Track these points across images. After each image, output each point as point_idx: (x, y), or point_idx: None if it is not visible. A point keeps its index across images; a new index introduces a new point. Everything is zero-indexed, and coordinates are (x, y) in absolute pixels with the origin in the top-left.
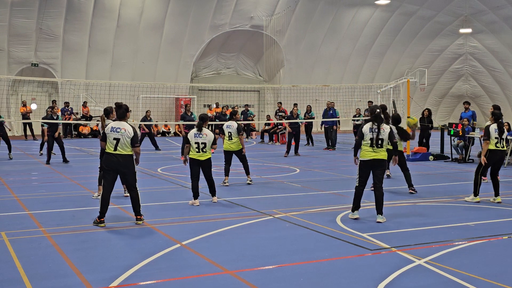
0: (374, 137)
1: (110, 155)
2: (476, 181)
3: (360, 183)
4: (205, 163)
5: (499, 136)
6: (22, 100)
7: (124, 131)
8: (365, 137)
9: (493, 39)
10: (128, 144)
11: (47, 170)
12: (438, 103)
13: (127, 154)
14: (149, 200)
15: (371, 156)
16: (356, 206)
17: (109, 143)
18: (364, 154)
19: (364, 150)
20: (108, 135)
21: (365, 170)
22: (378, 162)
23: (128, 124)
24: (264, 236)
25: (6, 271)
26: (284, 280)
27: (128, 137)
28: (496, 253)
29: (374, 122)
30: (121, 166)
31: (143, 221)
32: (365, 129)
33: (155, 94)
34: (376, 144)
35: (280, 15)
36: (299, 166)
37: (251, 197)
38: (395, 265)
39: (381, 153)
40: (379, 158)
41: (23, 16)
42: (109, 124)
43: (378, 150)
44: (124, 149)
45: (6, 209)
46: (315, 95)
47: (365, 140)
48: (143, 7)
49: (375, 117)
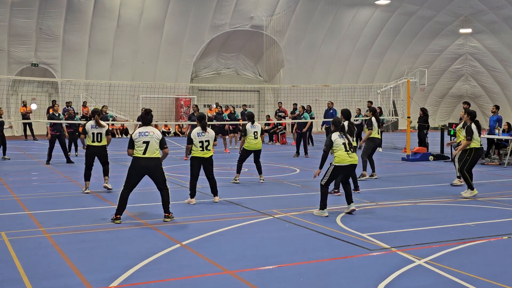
0: (346, 142)
1: (139, 159)
2: (465, 177)
3: (327, 184)
4: (209, 160)
5: None
6: (22, 100)
7: (152, 134)
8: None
9: (493, 39)
10: (157, 146)
11: (47, 170)
12: (438, 103)
13: (156, 157)
14: (149, 200)
15: (348, 162)
16: (325, 205)
17: (137, 148)
18: (341, 159)
19: (341, 156)
20: (137, 139)
21: (338, 175)
22: (352, 167)
23: (155, 128)
24: (264, 236)
25: (6, 271)
26: (284, 280)
27: (157, 139)
28: (496, 253)
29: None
30: (151, 169)
31: (172, 219)
32: (334, 137)
33: (155, 94)
34: (350, 149)
35: (280, 15)
36: (299, 166)
37: (251, 197)
38: (395, 265)
39: (355, 158)
40: (354, 164)
41: (23, 16)
42: (136, 130)
43: (352, 155)
44: (153, 151)
45: (6, 209)
46: (315, 95)
47: (338, 146)
48: (143, 7)
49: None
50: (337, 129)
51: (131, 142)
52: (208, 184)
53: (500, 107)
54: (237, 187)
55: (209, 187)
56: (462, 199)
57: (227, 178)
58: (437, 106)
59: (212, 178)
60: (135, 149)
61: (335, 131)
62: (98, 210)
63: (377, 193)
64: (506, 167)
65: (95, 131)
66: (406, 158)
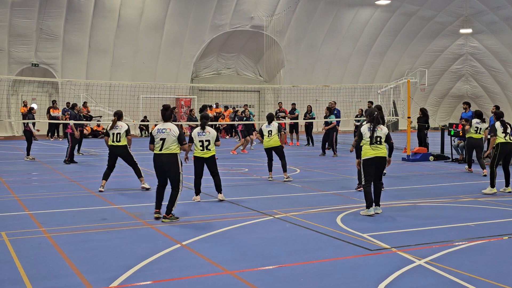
0: (374, 135)
1: (156, 156)
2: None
3: (367, 182)
4: (210, 160)
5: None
6: (23, 100)
7: (169, 131)
8: (364, 136)
9: (493, 40)
10: (174, 142)
11: (47, 170)
12: (439, 103)
13: (171, 153)
14: (149, 200)
15: (373, 154)
16: (370, 203)
17: (156, 144)
18: (366, 152)
19: (365, 149)
20: (155, 136)
21: (370, 168)
22: (379, 159)
23: (173, 124)
24: (264, 236)
25: (6, 271)
26: (284, 280)
27: (174, 136)
28: (496, 253)
29: (371, 123)
30: (166, 165)
31: (173, 220)
32: (363, 129)
33: (155, 94)
34: (376, 141)
35: (281, 15)
36: (299, 166)
37: (251, 197)
38: (395, 265)
39: (382, 150)
40: (380, 156)
41: (23, 16)
42: (156, 126)
43: (377, 147)
44: (169, 148)
45: (6, 209)
46: (315, 95)
47: (365, 140)
48: (144, 7)
49: (372, 119)
50: (369, 120)
51: (152, 138)
52: (209, 185)
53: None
54: (237, 187)
55: (210, 187)
56: (462, 199)
57: (227, 178)
58: (438, 106)
59: (216, 175)
60: (155, 145)
61: (368, 122)
62: (98, 210)
63: None
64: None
65: (114, 132)
66: (407, 158)
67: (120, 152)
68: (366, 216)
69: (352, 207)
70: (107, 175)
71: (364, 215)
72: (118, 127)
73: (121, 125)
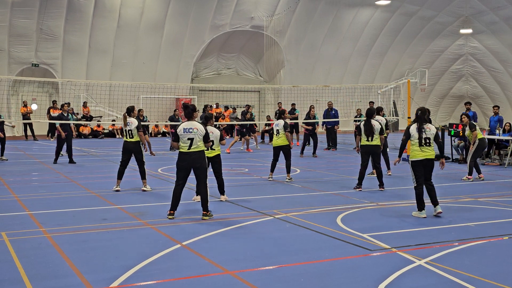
0: (423, 136)
1: (184, 154)
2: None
3: (418, 183)
4: (215, 159)
5: None
6: (23, 100)
7: (196, 130)
8: (413, 137)
9: (493, 40)
10: (201, 141)
11: (47, 170)
12: (439, 103)
13: (200, 151)
14: (149, 200)
15: (422, 156)
16: (421, 206)
17: (182, 143)
18: (414, 154)
19: (414, 150)
20: (182, 136)
21: (419, 169)
22: (428, 161)
23: (198, 123)
24: (264, 236)
25: (6, 271)
26: (284, 280)
27: (200, 135)
28: (496, 253)
29: (420, 123)
30: (195, 163)
31: (210, 217)
32: (412, 129)
33: (155, 94)
34: (425, 143)
35: (281, 15)
36: (299, 166)
37: (251, 197)
38: (395, 266)
39: (430, 152)
40: (429, 158)
41: (23, 17)
42: (181, 126)
43: (426, 149)
44: (198, 146)
45: (6, 209)
46: (316, 95)
47: (413, 141)
48: (144, 7)
49: (418, 117)
50: (416, 119)
51: (176, 136)
52: (212, 185)
53: (501, 107)
54: (237, 187)
55: (211, 188)
56: (462, 199)
57: (228, 178)
58: (438, 106)
59: (220, 177)
60: (181, 145)
61: (414, 122)
62: (98, 210)
63: (378, 193)
64: (506, 168)
65: (126, 128)
66: (407, 159)
67: (133, 147)
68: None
69: (352, 207)
70: (121, 173)
71: (415, 216)
72: (129, 124)
73: (131, 121)
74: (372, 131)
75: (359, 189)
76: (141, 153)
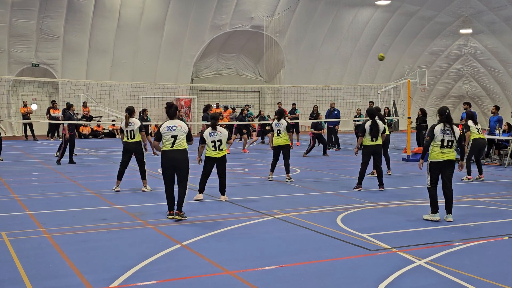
0: (446, 138)
1: (167, 152)
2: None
3: (432, 185)
4: (222, 160)
5: None
6: (23, 100)
7: (180, 128)
8: (436, 138)
9: (493, 40)
10: (184, 139)
11: (47, 170)
12: (439, 103)
13: (183, 149)
14: (149, 200)
15: (442, 158)
16: (435, 208)
17: (166, 141)
18: (434, 155)
19: (434, 151)
20: (165, 134)
21: (436, 172)
22: (449, 163)
23: (181, 121)
24: (264, 236)
25: (6, 271)
26: (284, 280)
27: (184, 133)
28: (496, 253)
29: (445, 123)
30: (177, 161)
31: (183, 218)
32: (436, 130)
33: (155, 94)
34: (447, 145)
35: (281, 15)
36: (299, 166)
37: (251, 197)
38: (395, 266)
39: (451, 153)
40: (449, 159)
41: (23, 17)
42: (164, 124)
43: (447, 151)
44: (180, 144)
45: (6, 209)
46: (316, 95)
47: (435, 142)
48: (144, 7)
49: (446, 117)
50: (442, 119)
51: (159, 135)
52: (212, 185)
53: (501, 107)
54: (237, 187)
55: (212, 188)
56: (462, 199)
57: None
58: (438, 106)
59: (223, 177)
60: (164, 143)
61: (440, 122)
62: (98, 210)
63: (378, 193)
64: (506, 168)
65: (128, 129)
66: (407, 159)
67: (134, 147)
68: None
69: (352, 207)
70: (121, 174)
71: (426, 219)
72: (131, 124)
73: (133, 121)
74: (378, 132)
75: (359, 189)
76: (142, 154)
